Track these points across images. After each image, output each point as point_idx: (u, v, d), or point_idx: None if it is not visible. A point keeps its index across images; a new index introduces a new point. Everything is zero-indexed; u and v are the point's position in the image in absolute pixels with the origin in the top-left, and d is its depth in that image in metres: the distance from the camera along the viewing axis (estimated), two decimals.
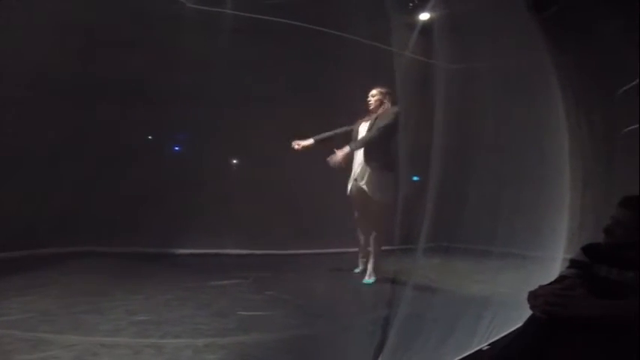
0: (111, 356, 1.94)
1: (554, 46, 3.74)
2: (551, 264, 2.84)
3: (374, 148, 3.48)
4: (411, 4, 5.14)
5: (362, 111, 3.74)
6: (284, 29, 4.26)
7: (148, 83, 3.87)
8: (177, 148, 4.69)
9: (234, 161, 4.94)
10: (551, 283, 1.48)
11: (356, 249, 3.87)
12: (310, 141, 3.64)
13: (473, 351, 1.95)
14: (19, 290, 2.74)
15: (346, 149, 3.44)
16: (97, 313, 2.45)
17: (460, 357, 1.88)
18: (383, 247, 3.66)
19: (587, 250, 1.57)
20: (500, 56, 3.45)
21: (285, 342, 2.28)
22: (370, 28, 4.19)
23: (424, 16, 5.09)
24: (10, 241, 3.41)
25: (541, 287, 1.43)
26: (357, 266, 3.83)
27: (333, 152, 3.46)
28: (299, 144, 3.62)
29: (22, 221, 3.48)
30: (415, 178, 4.20)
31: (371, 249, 3.59)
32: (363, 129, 3.61)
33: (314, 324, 2.59)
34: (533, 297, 1.38)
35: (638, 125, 3.89)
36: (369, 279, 3.52)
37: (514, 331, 1.61)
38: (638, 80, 3.93)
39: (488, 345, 1.99)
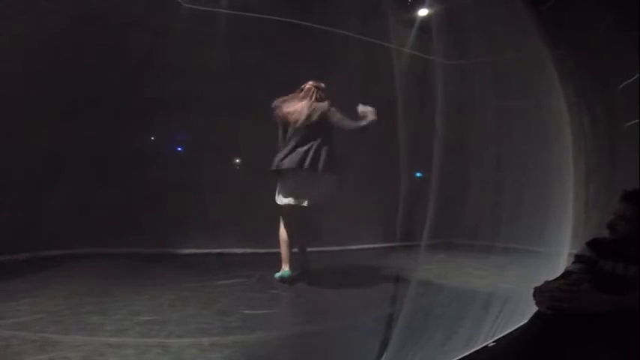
0: (118, 356, 1.95)
1: (552, 40, 3.72)
2: (557, 259, 2.84)
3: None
4: (409, 1, 5.13)
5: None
6: (280, 27, 4.24)
7: (147, 85, 3.86)
8: (179, 149, 4.69)
9: (237, 160, 4.94)
10: (556, 279, 1.48)
11: (354, 247, 3.84)
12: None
13: (478, 347, 1.95)
14: (27, 292, 2.75)
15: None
16: (102, 314, 2.46)
17: (465, 354, 1.88)
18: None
19: (591, 245, 1.57)
20: (498, 51, 3.43)
21: (289, 340, 2.29)
22: (369, 26, 4.19)
23: (423, 12, 5.08)
24: (16, 243, 3.42)
25: (547, 283, 1.43)
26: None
27: None
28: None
29: (28, 223, 3.49)
30: (418, 174, 4.20)
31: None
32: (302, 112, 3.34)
33: (318, 322, 2.59)
34: (539, 292, 1.39)
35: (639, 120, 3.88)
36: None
37: (520, 327, 1.61)
38: (638, 75, 3.92)
39: (494, 342, 1.99)
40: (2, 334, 2.06)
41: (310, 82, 3.45)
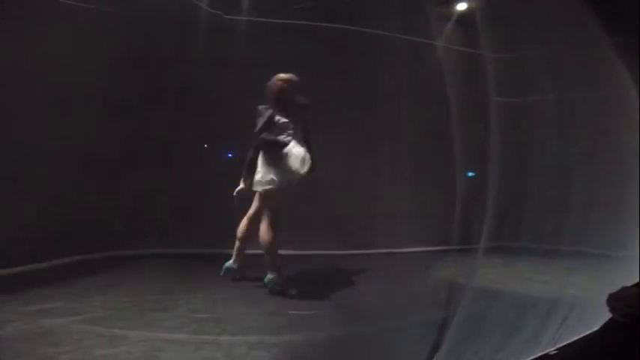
0: (174, 352, 2.07)
1: (609, 25, 3.39)
2: (631, 263, 2.59)
3: None
4: None
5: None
6: (316, 30, 4.20)
7: (170, 88, 3.91)
8: (229, 156, 4.82)
9: None
10: (635, 285, 1.36)
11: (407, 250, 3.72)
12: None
13: (538, 355, 1.82)
14: (101, 289, 2.98)
15: None
16: (163, 311, 2.62)
17: None
18: None
19: None
20: (552, 42, 3.19)
21: (334, 342, 2.29)
22: (407, 22, 4.06)
23: (461, 6, 4.96)
24: (90, 244, 3.69)
25: (623, 289, 1.34)
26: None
27: None
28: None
29: (100, 225, 3.75)
30: (470, 174, 4.01)
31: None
32: None
33: (365, 324, 2.57)
34: (614, 299, 1.30)
35: None
36: None
37: (589, 334, 1.49)
38: None
39: (556, 350, 1.85)
40: (78, 327, 2.26)
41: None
